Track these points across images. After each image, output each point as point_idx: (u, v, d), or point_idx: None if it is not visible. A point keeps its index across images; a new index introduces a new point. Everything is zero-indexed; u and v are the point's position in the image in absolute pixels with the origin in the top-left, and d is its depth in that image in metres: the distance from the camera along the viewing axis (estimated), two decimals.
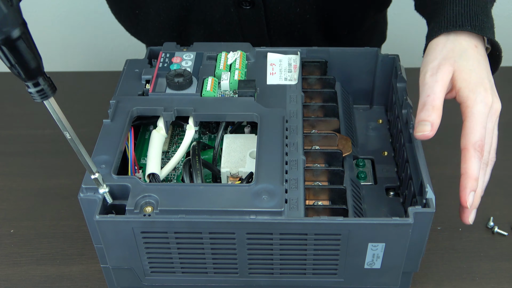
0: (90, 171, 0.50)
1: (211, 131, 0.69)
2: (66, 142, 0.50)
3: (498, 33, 0.63)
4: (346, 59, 0.73)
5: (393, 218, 0.52)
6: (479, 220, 0.71)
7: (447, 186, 0.75)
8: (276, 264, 0.56)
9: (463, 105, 0.55)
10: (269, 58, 0.71)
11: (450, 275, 0.65)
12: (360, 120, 0.75)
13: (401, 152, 0.65)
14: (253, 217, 0.52)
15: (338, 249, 0.54)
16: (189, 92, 0.64)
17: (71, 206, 0.73)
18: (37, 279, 0.66)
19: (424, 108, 0.54)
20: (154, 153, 0.61)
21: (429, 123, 0.54)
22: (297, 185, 0.55)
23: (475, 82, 0.55)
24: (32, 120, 0.88)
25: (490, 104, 0.55)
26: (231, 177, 0.60)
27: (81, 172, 0.56)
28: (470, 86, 0.55)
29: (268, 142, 0.59)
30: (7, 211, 0.74)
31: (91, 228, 0.56)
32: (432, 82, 0.55)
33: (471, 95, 0.54)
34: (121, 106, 0.63)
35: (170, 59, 0.69)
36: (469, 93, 0.54)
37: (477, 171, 0.53)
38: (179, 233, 0.53)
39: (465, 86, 0.55)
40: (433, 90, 0.54)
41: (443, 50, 0.57)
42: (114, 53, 1.40)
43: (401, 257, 0.55)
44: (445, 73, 0.55)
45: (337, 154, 0.63)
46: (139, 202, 0.53)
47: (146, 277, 0.58)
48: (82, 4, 1.33)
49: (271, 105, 0.63)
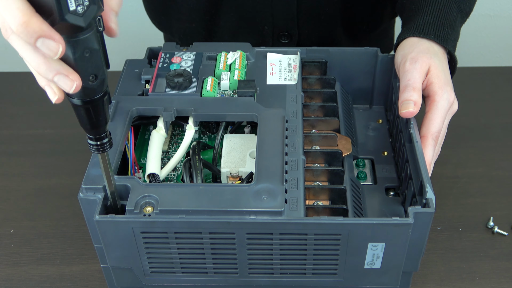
0: None
1: (211, 131, 0.69)
2: (66, 142, 0.50)
3: (498, 33, 0.64)
4: (346, 59, 0.73)
5: (393, 218, 0.52)
6: (479, 220, 0.71)
7: (447, 186, 0.75)
8: (276, 264, 0.56)
9: (430, 98, 0.61)
10: (269, 58, 0.71)
11: (450, 275, 0.65)
12: (360, 120, 0.75)
13: (401, 152, 0.65)
14: (253, 217, 0.52)
15: (338, 249, 0.54)
16: (189, 92, 0.64)
17: (71, 206, 0.73)
18: (37, 279, 0.66)
19: (406, 90, 0.60)
20: (154, 153, 0.61)
21: (412, 101, 0.59)
22: (297, 185, 0.55)
23: (445, 81, 0.61)
24: (32, 120, 0.88)
25: (451, 103, 0.61)
26: (231, 177, 0.60)
27: (81, 172, 0.56)
28: (440, 83, 0.61)
29: (268, 142, 0.59)
30: (7, 211, 0.74)
31: (91, 228, 0.56)
32: (412, 69, 0.61)
33: (439, 91, 0.60)
34: (121, 106, 0.63)
35: (170, 59, 0.69)
36: (438, 89, 0.60)
37: (431, 158, 0.59)
38: (179, 233, 0.53)
39: (436, 82, 0.61)
40: (413, 75, 0.60)
41: (419, 46, 0.63)
42: (114, 53, 1.40)
43: (401, 257, 0.55)
44: (423, 64, 0.61)
45: (337, 154, 0.63)
46: (139, 202, 0.53)
47: (146, 277, 0.58)
48: None
49: (271, 105, 0.63)
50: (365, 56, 0.72)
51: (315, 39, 0.85)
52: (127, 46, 1.36)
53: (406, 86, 0.60)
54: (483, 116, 0.87)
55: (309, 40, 0.85)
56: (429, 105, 0.61)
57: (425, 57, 0.62)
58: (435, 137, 0.59)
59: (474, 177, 0.76)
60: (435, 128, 0.60)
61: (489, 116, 0.86)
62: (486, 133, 0.83)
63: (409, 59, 0.62)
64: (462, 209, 0.72)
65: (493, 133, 0.83)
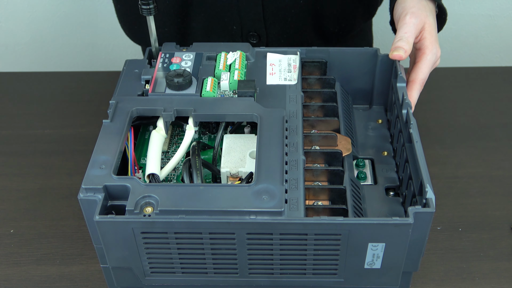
0: None
1: (211, 131, 0.69)
2: (66, 142, 0.50)
3: (498, 33, 0.64)
4: (345, 59, 0.73)
5: (393, 218, 0.52)
6: (479, 220, 0.71)
7: (447, 186, 0.75)
8: (276, 264, 0.56)
9: (421, 50, 0.70)
10: (269, 58, 0.71)
11: (450, 275, 0.65)
12: (359, 120, 0.75)
13: (401, 152, 0.65)
14: (253, 217, 0.52)
15: (338, 249, 0.54)
16: (189, 92, 0.64)
17: (71, 206, 0.73)
18: (37, 279, 0.66)
19: (401, 40, 0.68)
20: (154, 153, 0.61)
21: (404, 49, 0.67)
22: (297, 185, 0.55)
23: (435, 38, 0.70)
24: (32, 120, 0.88)
25: (438, 58, 0.71)
26: (231, 177, 0.60)
27: (81, 172, 0.56)
28: (431, 39, 0.69)
29: (268, 142, 0.59)
30: (7, 211, 0.74)
31: (91, 228, 0.56)
32: (411, 24, 0.69)
33: (430, 46, 0.69)
34: (120, 106, 0.63)
35: (170, 59, 0.69)
36: (429, 44, 0.69)
37: (415, 99, 0.69)
38: (179, 233, 0.53)
39: (428, 38, 0.69)
40: (410, 30, 0.68)
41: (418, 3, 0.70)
42: (114, 53, 1.40)
43: (401, 257, 0.55)
44: (420, 22, 0.69)
45: (337, 154, 0.63)
46: (139, 202, 0.53)
47: (146, 277, 0.58)
48: (82, 4, 1.33)
49: (271, 105, 0.63)
50: (365, 56, 0.72)
51: (284, 41, 0.87)
52: (127, 46, 1.36)
53: (402, 38, 0.68)
54: (483, 116, 0.87)
55: (278, 42, 0.87)
56: (419, 56, 0.69)
57: (423, 15, 0.69)
58: (421, 83, 0.69)
59: (474, 177, 0.76)
60: (423, 75, 0.68)
61: (489, 116, 0.86)
62: (486, 133, 0.83)
63: (410, 13, 0.69)
64: (462, 209, 0.72)
65: (493, 133, 0.83)
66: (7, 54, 1.41)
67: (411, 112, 0.63)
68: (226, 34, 0.86)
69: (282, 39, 0.87)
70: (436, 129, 0.84)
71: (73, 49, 1.40)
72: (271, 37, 0.86)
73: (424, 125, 0.82)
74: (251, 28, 0.85)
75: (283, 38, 0.87)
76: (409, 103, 0.64)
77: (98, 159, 0.57)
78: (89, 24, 1.36)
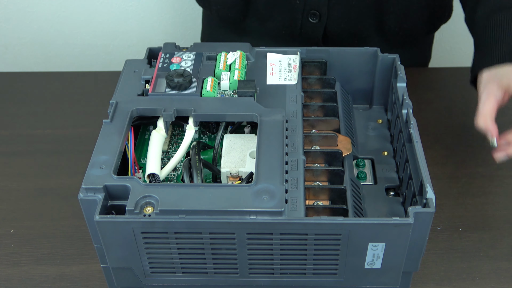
0: None
1: (211, 131, 0.69)
2: (66, 142, 0.50)
3: None
4: (346, 59, 0.73)
5: (393, 218, 0.52)
6: (479, 220, 0.71)
7: (447, 186, 0.75)
8: (276, 264, 0.56)
9: None
10: (269, 58, 0.71)
11: (450, 275, 0.65)
12: (359, 120, 0.75)
13: (401, 152, 0.65)
14: (253, 217, 0.52)
15: (338, 249, 0.54)
16: (189, 92, 0.64)
17: (71, 206, 0.73)
18: (37, 279, 0.66)
19: None
20: (154, 153, 0.61)
21: None
22: (297, 185, 0.55)
23: None
24: (32, 120, 0.88)
25: None
26: (231, 177, 0.60)
27: (81, 172, 0.56)
28: None
29: (268, 142, 0.59)
30: (7, 211, 0.74)
31: (91, 228, 0.56)
32: None
33: None
34: (120, 106, 0.63)
35: (170, 59, 0.69)
36: None
37: None
38: (179, 233, 0.53)
39: None
40: None
41: None
42: (114, 53, 1.40)
43: (401, 257, 0.55)
44: None
45: (337, 154, 0.63)
46: (139, 202, 0.53)
47: (146, 277, 0.58)
48: (82, 4, 1.33)
49: (271, 105, 0.63)
50: (365, 56, 0.72)
51: (344, 26, 0.85)
52: (126, 46, 1.36)
53: None
54: None
55: (338, 26, 0.85)
56: None
57: None
58: None
59: (474, 177, 0.76)
60: None
61: None
62: None
63: None
64: (462, 209, 0.72)
65: None
66: (7, 54, 1.41)
67: (411, 112, 0.63)
68: (288, 8, 0.84)
69: (343, 23, 0.85)
70: (436, 129, 0.84)
71: (73, 49, 1.40)
72: (331, 19, 0.84)
73: (424, 125, 0.82)
74: (314, 5, 0.83)
75: (344, 22, 0.85)
76: (409, 103, 0.64)
77: (98, 159, 0.57)
78: (89, 24, 1.36)
